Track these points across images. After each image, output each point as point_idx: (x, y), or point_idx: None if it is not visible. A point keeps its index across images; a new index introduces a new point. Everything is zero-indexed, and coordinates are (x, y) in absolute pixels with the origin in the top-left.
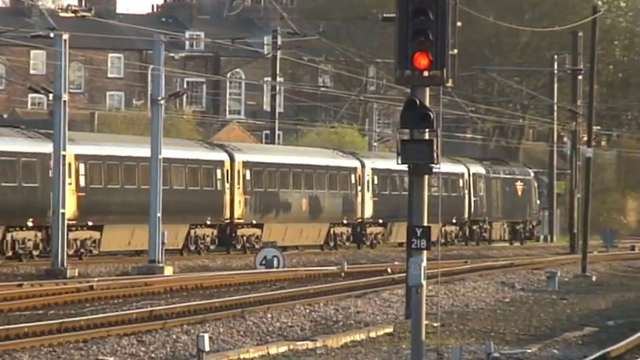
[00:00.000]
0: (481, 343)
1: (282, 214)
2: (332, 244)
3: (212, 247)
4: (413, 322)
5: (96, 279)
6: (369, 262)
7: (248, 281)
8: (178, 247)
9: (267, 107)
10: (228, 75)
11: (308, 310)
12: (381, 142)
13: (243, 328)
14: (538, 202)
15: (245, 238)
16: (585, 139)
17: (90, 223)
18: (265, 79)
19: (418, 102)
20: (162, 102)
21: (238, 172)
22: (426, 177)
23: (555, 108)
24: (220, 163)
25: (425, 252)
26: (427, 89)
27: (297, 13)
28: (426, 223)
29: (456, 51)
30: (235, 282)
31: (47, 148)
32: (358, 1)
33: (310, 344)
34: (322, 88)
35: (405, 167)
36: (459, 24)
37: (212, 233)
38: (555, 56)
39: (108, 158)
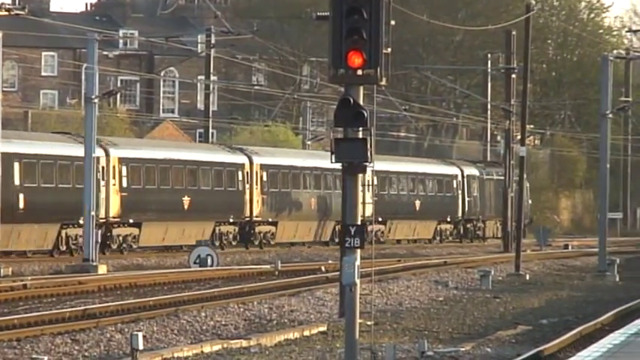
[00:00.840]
0: (415, 341)
1: (294, 213)
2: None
3: (234, 243)
4: (347, 321)
5: (29, 278)
6: (302, 260)
7: (182, 280)
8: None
9: (200, 106)
10: (162, 73)
11: (242, 309)
12: (314, 141)
13: (177, 326)
14: (530, 201)
15: (262, 234)
16: (519, 137)
17: (131, 221)
18: (199, 77)
19: (352, 100)
20: (96, 100)
21: (256, 173)
22: (359, 175)
23: (489, 107)
24: (241, 166)
25: (359, 251)
26: (361, 88)
27: (231, 12)
28: (358, 222)
29: (389, 50)
30: (169, 281)
31: (97, 152)
32: (292, 0)
33: (244, 343)
34: (256, 87)
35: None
36: (392, 23)
37: (234, 230)
38: (489, 55)
39: (146, 161)
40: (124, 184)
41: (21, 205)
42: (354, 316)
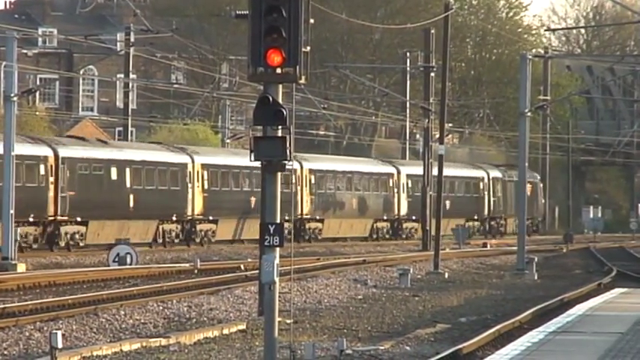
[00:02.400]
0: (334, 340)
1: (338, 212)
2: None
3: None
4: (266, 319)
5: None
6: (222, 259)
7: (101, 278)
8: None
9: (120, 104)
10: (81, 72)
11: (161, 307)
12: (234, 139)
13: (96, 325)
14: (543, 201)
15: (311, 230)
16: (438, 136)
17: (210, 218)
18: (118, 75)
19: (271, 99)
20: (15, 99)
21: (306, 176)
22: (279, 174)
23: (408, 105)
24: (294, 170)
25: (278, 249)
26: (280, 86)
27: (150, 10)
28: (278, 220)
29: (308, 48)
30: (89, 279)
31: (185, 159)
32: None
33: (163, 341)
34: (175, 85)
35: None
36: (311, 21)
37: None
38: (408, 53)
39: (222, 167)
40: (206, 186)
41: None
42: (273, 314)
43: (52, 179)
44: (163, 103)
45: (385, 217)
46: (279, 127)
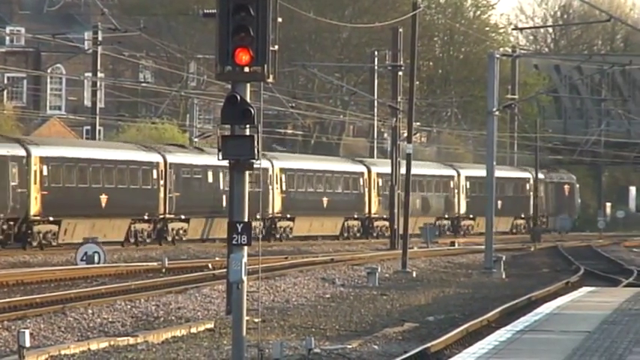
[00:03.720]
0: (302, 338)
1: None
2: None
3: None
4: (234, 318)
5: None
6: (190, 257)
7: (69, 277)
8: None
9: (88, 103)
10: (49, 70)
11: (129, 306)
12: (202, 138)
13: (64, 324)
14: (579, 200)
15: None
16: (405, 134)
17: (288, 216)
18: (86, 74)
19: (239, 98)
20: None
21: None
22: (247, 172)
23: (376, 104)
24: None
25: (246, 248)
26: (248, 85)
27: (118, 9)
28: (245, 219)
29: (276, 47)
30: (56, 278)
31: (265, 163)
32: None
33: (131, 340)
34: (143, 84)
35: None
36: (279, 20)
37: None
38: (376, 52)
39: (298, 170)
40: (284, 188)
41: None
42: (241, 313)
43: (162, 182)
44: (131, 102)
45: (356, 216)
46: (247, 125)
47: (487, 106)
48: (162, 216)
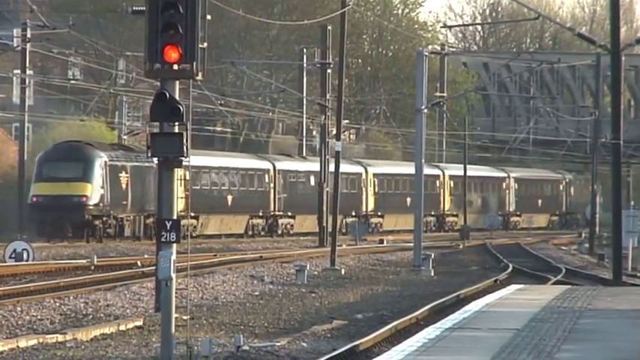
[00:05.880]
0: (231, 336)
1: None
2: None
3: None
4: (163, 316)
5: None
6: (119, 255)
7: None
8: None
9: (16, 100)
10: None
11: (58, 304)
12: (131, 136)
13: None
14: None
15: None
16: (334, 132)
17: (379, 213)
18: (15, 71)
19: (168, 95)
20: None
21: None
22: (176, 170)
23: (304, 101)
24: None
25: (175, 245)
26: (177, 82)
27: (47, 6)
28: (175, 216)
29: (205, 44)
30: None
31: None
32: None
33: (60, 337)
34: (72, 81)
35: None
36: (208, 17)
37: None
38: (304, 50)
39: (387, 175)
40: (376, 190)
41: None
42: (170, 310)
43: (272, 185)
44: (60, 99)
45: (261, 214)
46: (176, 123)
47: (416, 103)
48: (272, 213)
